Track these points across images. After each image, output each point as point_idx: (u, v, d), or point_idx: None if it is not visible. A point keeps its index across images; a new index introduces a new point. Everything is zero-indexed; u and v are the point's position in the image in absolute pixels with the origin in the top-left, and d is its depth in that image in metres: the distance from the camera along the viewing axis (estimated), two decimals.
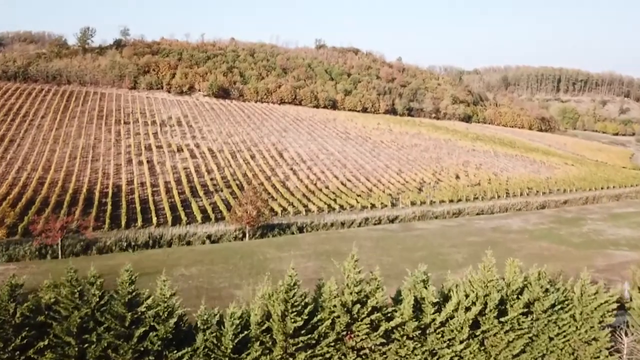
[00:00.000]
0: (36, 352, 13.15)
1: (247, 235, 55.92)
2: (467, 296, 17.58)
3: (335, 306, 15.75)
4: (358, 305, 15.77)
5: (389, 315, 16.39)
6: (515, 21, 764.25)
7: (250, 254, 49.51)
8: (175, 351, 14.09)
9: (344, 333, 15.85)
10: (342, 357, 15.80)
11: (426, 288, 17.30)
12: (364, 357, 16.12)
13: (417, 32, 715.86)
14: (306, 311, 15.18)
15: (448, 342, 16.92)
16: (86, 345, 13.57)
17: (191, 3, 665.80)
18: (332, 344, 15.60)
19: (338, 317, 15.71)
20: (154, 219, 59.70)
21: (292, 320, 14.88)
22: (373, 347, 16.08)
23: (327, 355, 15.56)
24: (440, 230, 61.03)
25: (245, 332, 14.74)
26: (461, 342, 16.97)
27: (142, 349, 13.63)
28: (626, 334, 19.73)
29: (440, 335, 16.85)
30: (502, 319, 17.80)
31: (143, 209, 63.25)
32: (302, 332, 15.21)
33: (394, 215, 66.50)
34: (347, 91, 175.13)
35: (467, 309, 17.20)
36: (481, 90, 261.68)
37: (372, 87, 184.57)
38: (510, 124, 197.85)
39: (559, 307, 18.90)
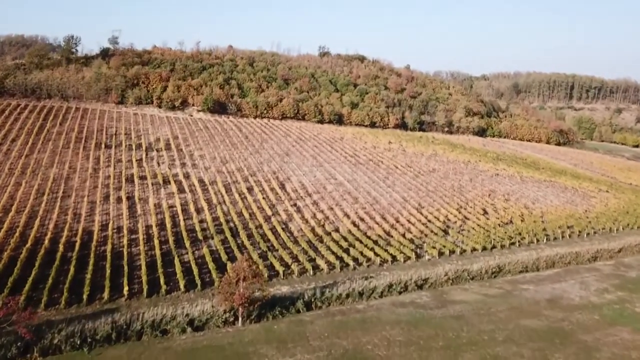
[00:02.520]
0: None
1: (239, 318, 43.39)
2: None
3: None
4: None
5: None
6: (524, 25, 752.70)
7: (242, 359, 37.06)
8: None
9: None
10: None
11: None
12: None
13: (422, 36, 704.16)
14: None
15: None
16: None
17: (187, 7, 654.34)
18: None
19: None
20: (126, 287, 47.50)
21: None
22: None
23: None
24: (484, 306, 48.44)
25: None
26: None
27: None
28: None
29: None
30: None
31: (114, 269, 51.15)
32: None
33: (422, 279, 54.18)
34: (354, 104, 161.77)
35: None
36: (492, 99, 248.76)
37: (381, 99, 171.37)
38: (527, 137, 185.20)
39: None
